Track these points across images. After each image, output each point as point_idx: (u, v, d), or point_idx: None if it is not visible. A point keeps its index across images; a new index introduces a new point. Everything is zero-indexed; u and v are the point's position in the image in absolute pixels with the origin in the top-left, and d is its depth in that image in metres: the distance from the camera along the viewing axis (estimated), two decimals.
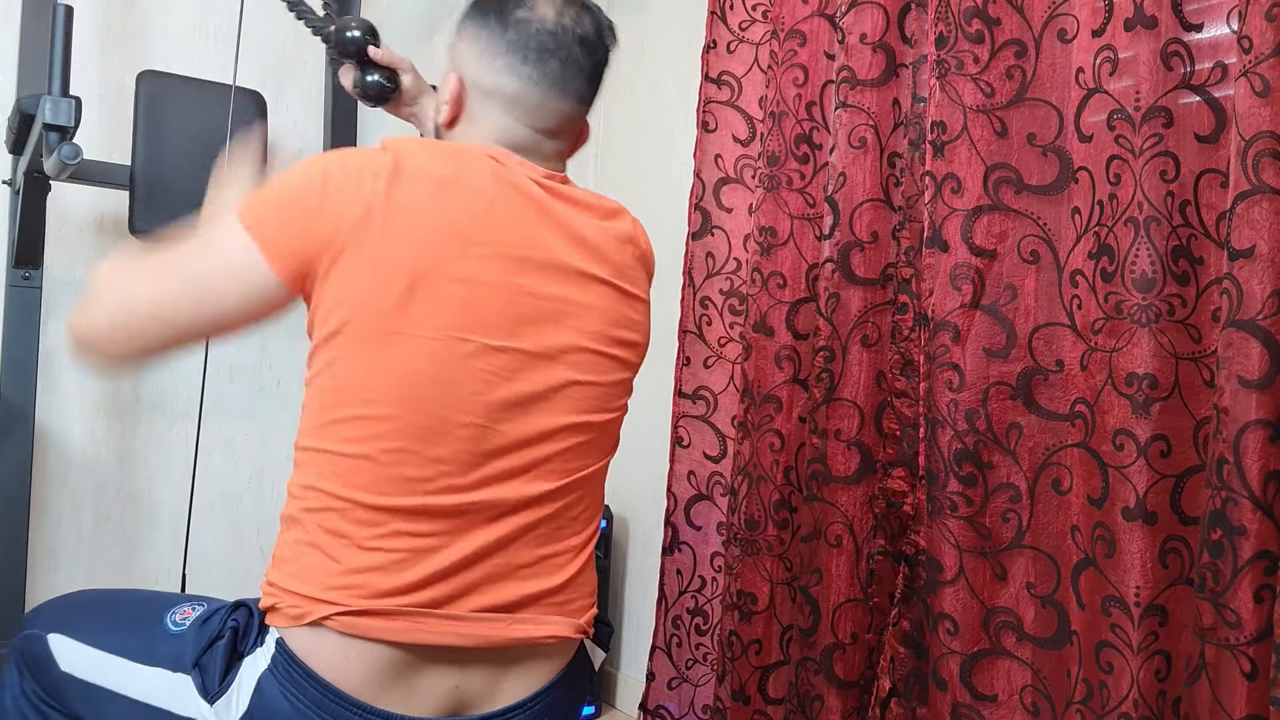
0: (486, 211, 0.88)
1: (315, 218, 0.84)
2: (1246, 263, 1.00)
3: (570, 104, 0.96)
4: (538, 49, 0.93)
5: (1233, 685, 0.99)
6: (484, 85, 0.95)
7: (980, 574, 1.29)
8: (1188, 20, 1.13)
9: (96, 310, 0.86)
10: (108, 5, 1.83)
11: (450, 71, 0.97)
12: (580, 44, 0.95)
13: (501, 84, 0.94)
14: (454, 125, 0.97)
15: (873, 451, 1.47)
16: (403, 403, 0.84)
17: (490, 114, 0.96)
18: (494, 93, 0.95)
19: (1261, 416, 0.98)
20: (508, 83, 0.94)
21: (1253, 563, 0.98)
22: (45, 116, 1.33)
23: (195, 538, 1.94)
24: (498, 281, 0.87)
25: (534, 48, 0.93)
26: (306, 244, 0.84)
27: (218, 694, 0.85)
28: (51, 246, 1.70)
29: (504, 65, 0.94)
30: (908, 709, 1.36)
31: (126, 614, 0.96)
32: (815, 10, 1.58)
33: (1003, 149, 1.30)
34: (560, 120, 0.97)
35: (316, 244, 0.84)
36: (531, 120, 0.95)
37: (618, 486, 2.13)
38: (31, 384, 1.60)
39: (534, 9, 0.94)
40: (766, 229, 1.61)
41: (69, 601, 1.00)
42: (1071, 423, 1.20)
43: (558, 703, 0.94)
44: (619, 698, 2.13)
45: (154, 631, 0.91)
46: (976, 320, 1.30)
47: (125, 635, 0.92)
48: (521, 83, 0.94)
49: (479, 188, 0.89)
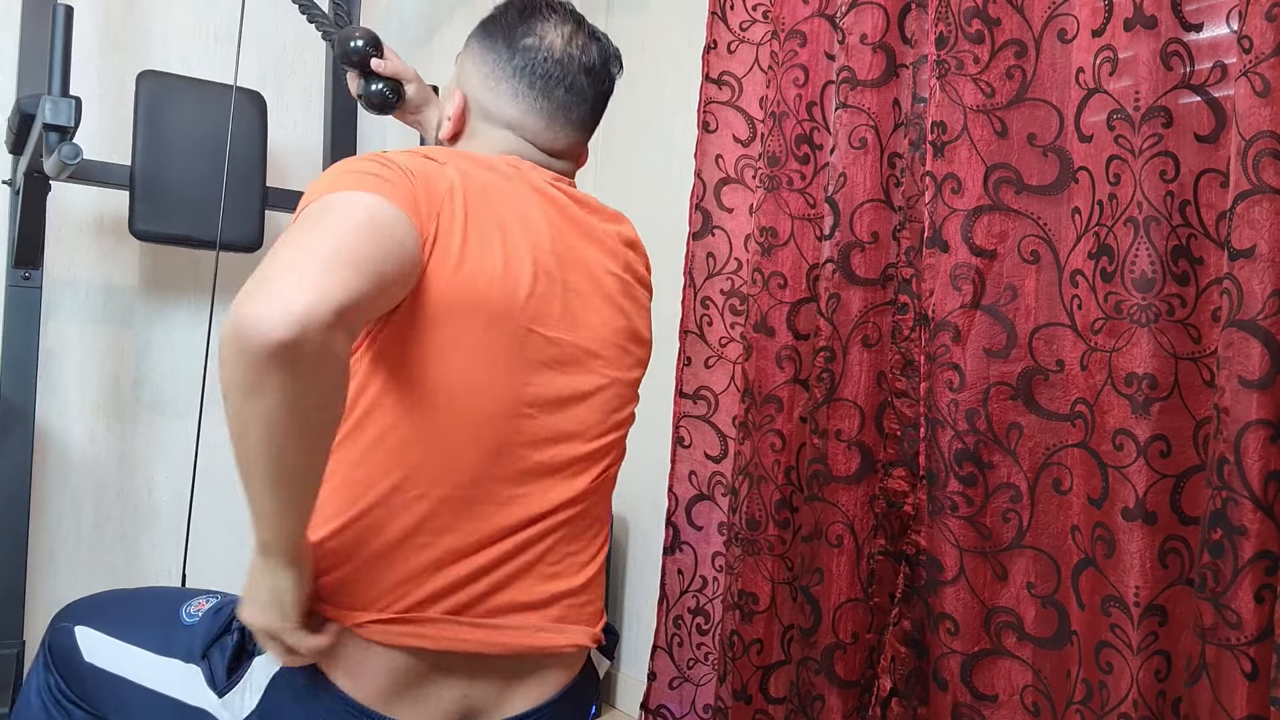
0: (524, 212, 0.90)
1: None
2: (1247, 262, 1.00)
3: (573, 131, 0.97)
4: (544, 76, 0.94)
5: (1233, 685, 0.99)
6: (487, 106, 0.96)
7: (981, 574, 1.29)
8: (1187, 20, 1.13)
9: (273, 285, 0.69)
10: (108, 5, 1.83)
11: (455, 89, 0.98)
12: (586, 74, 0.96)
13: (505, 108, 0.95)
14: (455, 140, 0.98)
15: (873, 451, 1.47)
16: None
17: (492, 132, 0.96)
18: (496, 116, 0.95)
19: (1262, 416, 0.98)
20: (511, 107, 0.94)
21: (1253, 563, 0.98)
22: (45, 116, 1.33)
23: (195, 537, 1.94)
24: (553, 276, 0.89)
25: (540, 74, 0.93)
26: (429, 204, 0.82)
27: (226, 687, 0.86)
28: (51, 246, 1.70)
29: (509, 90, 0.94)
30: (908, 708, 1.36)
31: (148, 606, 0.98)
32: (815, 10, 1.58)
33: (1003, 149, 1.30)
34: (561, 145, 0.98)
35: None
36: (537, 140, 0.97)
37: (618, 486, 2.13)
38: (31, 384, 1.60)
39: (543, 37, 0.94)
40: (767, 229, 1.61)
41: (97, 597, 1.03)
42: (1072, 423, 1.20)
43: (564, 715, 0.94)
44: (619, 698, 2.13)
45: (171, 623, 0.93)
46: (977, 320, 1.30)
47: (145, 627, 0.94)
48: (525, 109, 0.94)
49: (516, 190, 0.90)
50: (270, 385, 0.66)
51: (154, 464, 1.89)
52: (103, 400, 1.84)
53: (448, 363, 0.83)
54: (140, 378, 1.87)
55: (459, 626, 0.85)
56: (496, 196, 0.87)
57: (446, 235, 0.81)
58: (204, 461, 1.94)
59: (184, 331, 1.89)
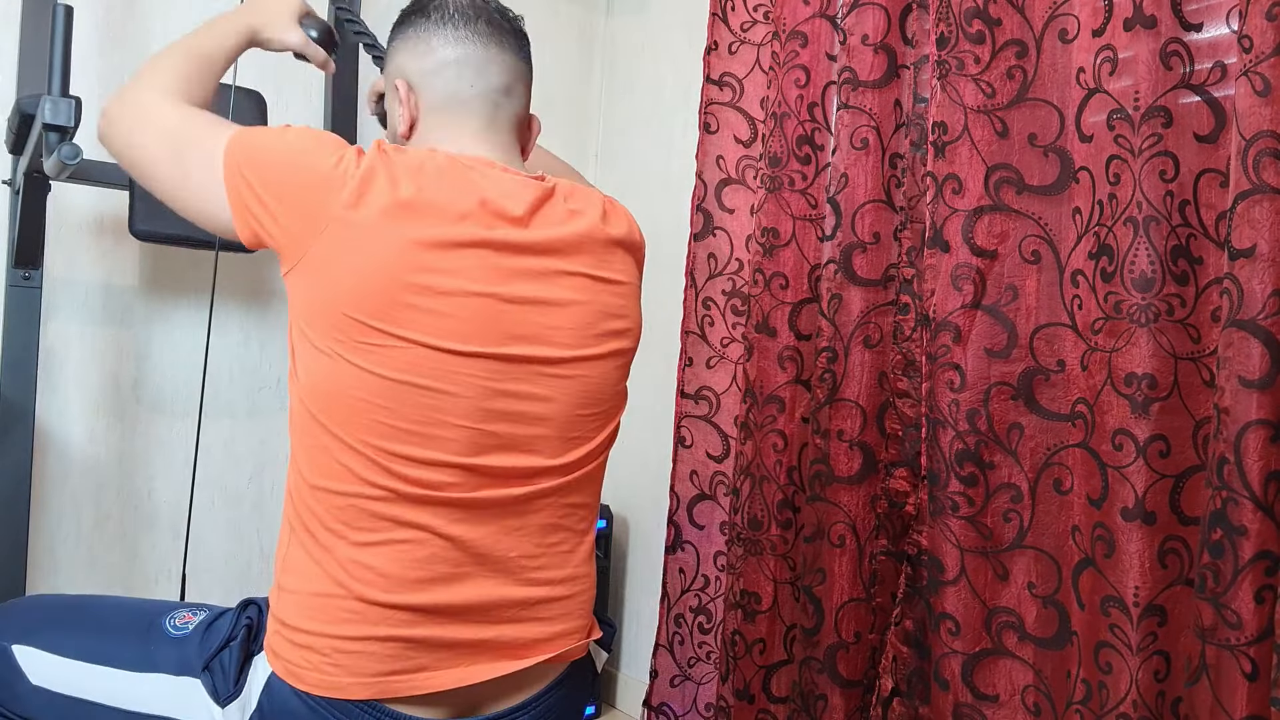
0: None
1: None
2: (1247, 262, 1.01)
3: (510, 55, 0.98)
4: (462, 15, 0.97)
5: (1233, 686, 0.99)
6: (428, 68, 0.96)
7: (982, 574, 1.29)
8: (1187, 20, 1.13)
9: (114, 127, 0.95)
10: (108, 5, 1.83)
11: (393, 80, 0.99)
12: (495, 11, 1.00)
13: (445, 55, 0.96)
14: (412, 130, 0.99)
15: (875, 452, 1.47)
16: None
17: (442, 89, 0.96)
18: (440, 69, 0.96)
19: (1262, 416, 0.99)
20: (450, 51, 0.96)
21: (1253, 563, 0.98)
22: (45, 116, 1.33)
23: (195, 537, 1.94)
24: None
25: (458, 16, 0.97)
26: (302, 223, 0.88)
27: (231, 695, 0.85)
28: (51, 246, 1.69)
29: (440, 41, 0.96)
30: (910, 708, 1.36)
31: (110, 622, 0.93)
32: (816, 11, 1.58)
33: (1004, 149, 1.30)
34: (507, 72, 0.98)
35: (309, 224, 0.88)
36: (483, 80, 0.96)
37: (618, 486, 2.13)
38: (31, 384, 1.59)
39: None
40: (769, 230, 1.61)
41: (28, 611, 0.97)
42: (1072, 423, 1.20)
43: (562, 702, 0.94)
44: (619, 698, 2.13)
45: (150, 637, 0.90)
46: (978, 320, 1.31)
47: (113, 643, 0.90)
48: (460, 44, 0.96)
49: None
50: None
51: (154, 464, 1.89)
52: (103, 400, 1.84)
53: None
54: (140, 378, 1.87)
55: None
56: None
57: None
58: (204, 461, 1.94)
59: (184, 331, 1.89)
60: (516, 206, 0.88)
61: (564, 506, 0.92)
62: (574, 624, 0.94)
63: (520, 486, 0.88)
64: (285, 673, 0.82)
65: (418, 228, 0.83)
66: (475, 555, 0.86)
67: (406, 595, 0.83)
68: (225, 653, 0.86)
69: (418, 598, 0.83)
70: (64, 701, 0.88)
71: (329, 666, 0.81)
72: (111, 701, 0.88)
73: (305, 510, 0.85)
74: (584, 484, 0.95)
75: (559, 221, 0.92)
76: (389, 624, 0.82)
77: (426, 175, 0.86)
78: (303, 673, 0.82)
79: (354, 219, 0.82)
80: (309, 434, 0.85)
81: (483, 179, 0.89)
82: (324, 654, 0.82)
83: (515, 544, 0.89)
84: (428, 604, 0.84)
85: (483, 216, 0.86)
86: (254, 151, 0.87)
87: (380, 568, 0.83)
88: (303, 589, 0.84)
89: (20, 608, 0.98)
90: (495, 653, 0.87)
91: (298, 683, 0.81)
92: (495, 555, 0.87)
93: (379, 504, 0.83)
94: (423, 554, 0.84)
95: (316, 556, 0.84)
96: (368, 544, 0.83)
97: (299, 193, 0.84)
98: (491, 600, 0.87)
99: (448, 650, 0.85)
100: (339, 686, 0.81)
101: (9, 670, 0.90)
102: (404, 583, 0.83)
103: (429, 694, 0.85)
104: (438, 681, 0.84)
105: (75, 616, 0.95)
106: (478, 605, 0.86)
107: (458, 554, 0.85)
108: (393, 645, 0.82)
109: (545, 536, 0.91)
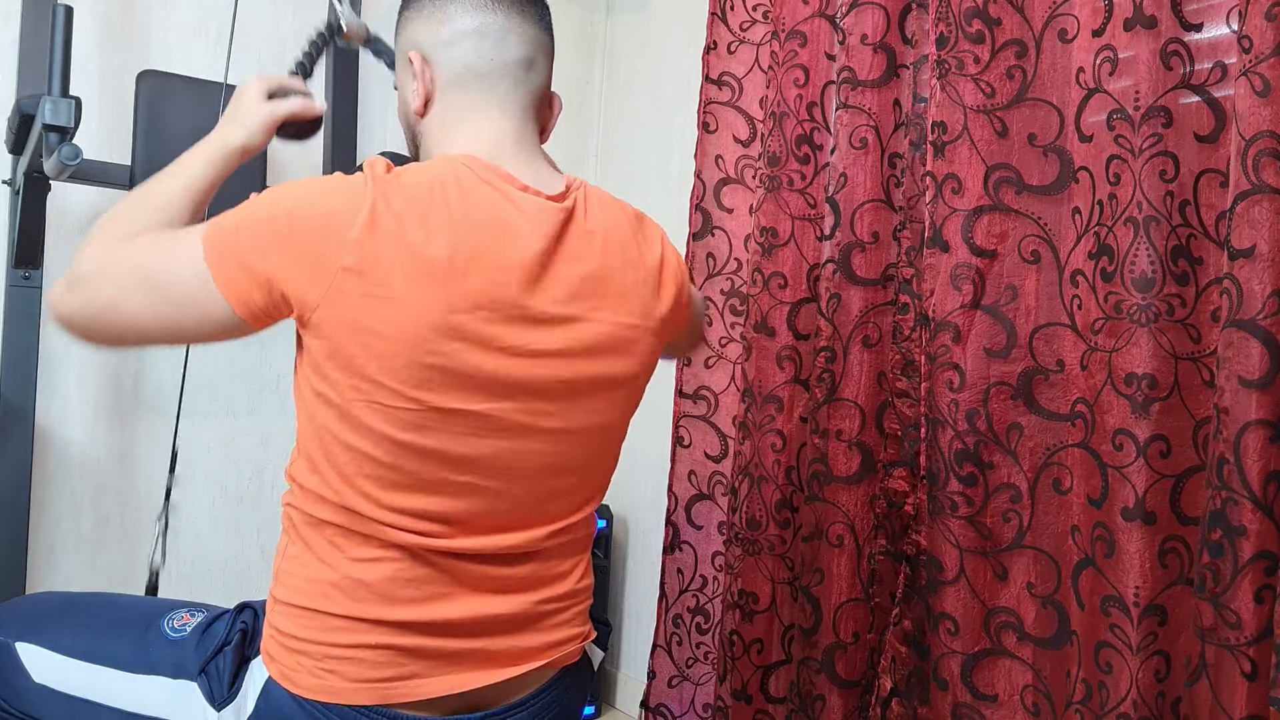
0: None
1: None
2: (1247, 262, 1.00)
3: (532, 25, 0.93)
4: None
5: (1233, 686, 0.99)
6: (443, 38, 0.91)
7: (981, 574, 1.29)
8: (1187, 20, 1.13)
9: (71, 297, 0.81)
10: (108, 5, 1.83)
11: (406, 52, 0.94)
12: None
13: (462, 25, 0.90)
14: (427, 107, 0.93)
15: (874, 451, 1.47)
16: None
17: (460, 60, 0.91)
18: (456, 39, 0.91)
19: (1262, 416, 0.99)
20: (468, 20, 0.90)
21: (1253, 563, 0.98)
22: (45, 117, 1.33)
23: (195, 537, 1.94)
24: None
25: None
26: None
27: (227, 700, 0.84)
28: (51, 246, 1.69)
29: (457, 8, 0.91)
30: (909, 708, 1.36)
31: (111, 622, 0.93)
32: (816, 11, 1.58)
33: (1003, 149, 1.30)
34: (529, 44, 0.93)
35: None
36: (502, 53, 0.91)
37: (617, 486, 2.13)
38: (31, 384, 1.59)
39: None
40: (767, 229, 1.61)
41: (33, 608, 0.96)
42: (1072, 423, 1.20)
43: (559, 700, 0.94)
44: (618, 697, 2.13)
45: (148, 639, 0.89)
46: (977, 320, 1.30)
47: (113, 644, 0.90)
48: (479, 12, 0.91)
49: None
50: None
51: (154, 464, 1.89)
52: (103, 400, 1.84)
53: None
54: (140, 378, 1.87)
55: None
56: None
57: None
58: (204, 461, 1.94)
59: None
60: (530, 249, 0.84)
61: (562, 544, 0.92)
62: (570, 632, 0.94)
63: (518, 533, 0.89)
64: (280, 676, 0.82)
65: (436, 296, 0.79)
66: (471, 579, 0.86)
67: (400, 611, 0.83)
68: (220, 657, 0.86)
69: (411, 614, 0.83)
70: (64, 700, 0.88)
71: (323, 671, 0.81)
72: (111, 702, 0.87)
73: (301, 522, 0.85)
74: (582, 523, 0.94)
75: (572, 281, 0.87)
76: (381, 633, 0.82)
77: (436, 222, 0.80)
78: (297, 676, 0.82)
79: (360, 276, 0.78)
80: (311, 452, 0.84)
81: (499, 212, 0.84)
82: (317, 659, 0.82)
83: (512, 571, 0.89)
84: (421, 620, 0.83)
85: (493, 289, 0.81)
86: (252, 220, 0.81)
87: (373, 585, 0.82)
88: (296, 599, 0.83)
89: (24, 605, 0.98)
90: (490, 661, 0.87)
91: (292, 686, 0.81)
92: (490, 578, 0.87)
93: (375, 529, 0.83)
94: (416, 574, 0.83)
95: (311, 569, 0.83)
96: (361, 560, 0.83)
97: (303, 245, 0.79)
98: (487, 616, 0.87)
99: (441, 659, 0.85)
100: (333, 691, 0.81)
101: (12, 667, 0.90)
102: (396, 600, 0.83)
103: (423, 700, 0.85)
104: (431, 688, 0.84)
105: (77, 615, 0.95)
106: (471, 621, 0.86)
107: (450, 576, 0.85)
108: (386, 653, 0.82)
109: (543, 561, 0.91)
